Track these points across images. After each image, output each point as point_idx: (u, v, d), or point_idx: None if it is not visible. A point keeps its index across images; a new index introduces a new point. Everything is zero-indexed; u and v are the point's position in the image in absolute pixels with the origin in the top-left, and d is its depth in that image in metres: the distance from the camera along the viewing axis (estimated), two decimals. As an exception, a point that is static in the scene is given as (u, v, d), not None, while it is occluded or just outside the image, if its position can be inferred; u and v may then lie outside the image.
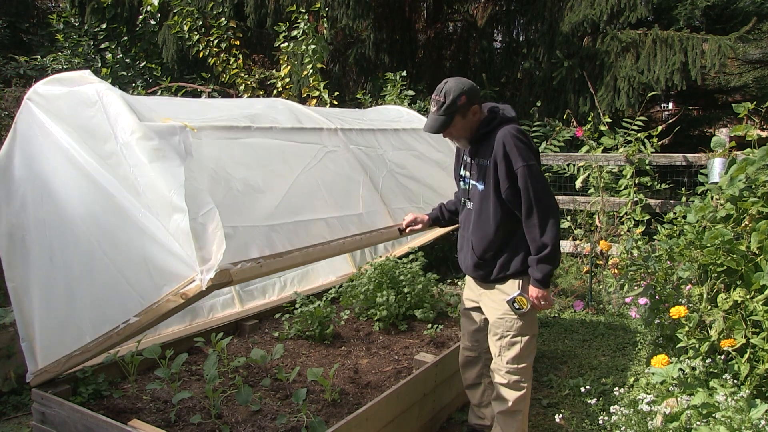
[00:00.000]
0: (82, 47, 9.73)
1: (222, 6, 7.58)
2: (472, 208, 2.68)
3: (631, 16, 7.29)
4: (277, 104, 3.29)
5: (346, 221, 2.84)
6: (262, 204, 2.45)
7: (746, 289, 2.82)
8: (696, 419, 2.34)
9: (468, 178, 2.72)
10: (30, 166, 2.59)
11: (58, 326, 2.61)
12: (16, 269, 2.70)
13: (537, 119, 7.26)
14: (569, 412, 3.39)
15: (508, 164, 2.47)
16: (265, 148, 2.72)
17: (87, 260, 2.44)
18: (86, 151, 2.35)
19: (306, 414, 2.64)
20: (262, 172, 2.57)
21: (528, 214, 2.48)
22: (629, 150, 5.48)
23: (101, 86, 2.26)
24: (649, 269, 3.48)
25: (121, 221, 2.28)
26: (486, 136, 2.59)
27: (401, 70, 7.10)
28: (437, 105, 2.54)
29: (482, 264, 2.67)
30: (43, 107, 2.49)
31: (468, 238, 2.71)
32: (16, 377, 3.54)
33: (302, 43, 6.48)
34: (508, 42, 9.11)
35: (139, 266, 2.26)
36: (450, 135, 2.64)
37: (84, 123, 2.31)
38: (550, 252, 2.48)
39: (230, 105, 3.19)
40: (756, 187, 3.11)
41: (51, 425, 2.63)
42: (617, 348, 4.45)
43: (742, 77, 12.25)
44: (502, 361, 2.65)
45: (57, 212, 2.51)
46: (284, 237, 2.42)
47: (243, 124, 2.68)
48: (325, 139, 3.07)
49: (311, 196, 2.74)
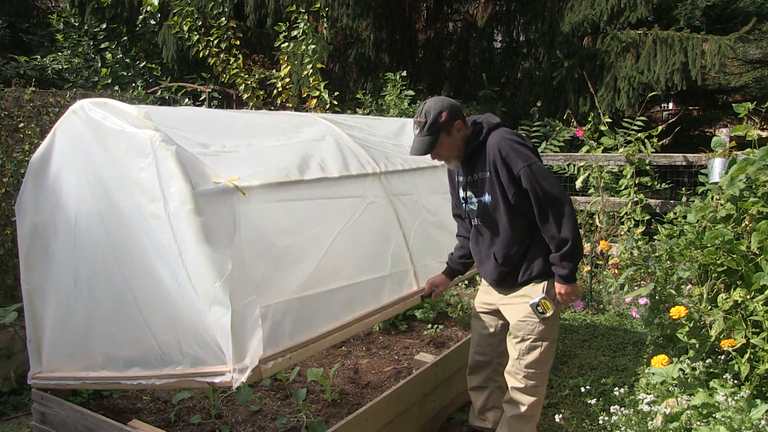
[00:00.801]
0: (82, 47, 9.74)
1: (222, 6, 7.58)
2: (485, 224, 2.61)
3: (631, 16, 7.29)
4: (324, 132, 3.13)
5: (375, 285, 2.80)
6: (298, 274, 2.41)
7: (746, 289, 2.81)
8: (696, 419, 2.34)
9: (472, 197, 2.63)
10: (65, 180, 2.51)
11: (70, 342, 2.60)
12: (33, 272, 2.68)
13: (537, 119, 7.26)
14: (569, 412, 3.39)
15: (509, 169, 2.42)
16: (310, 209, 2.64)
17: (114, 297, 2.39)
18: (130, 199, 2.25)
19: (306, 414, 2.64)
20: (303, 238, 2.51)
21: (541, 213, 2.41)
22: (629, 150, 5.48)
23: (156, 136, 2.11)
24: (649, 269, 3.47)
25: (156, 280, 2.22)
26: (478, 149, 2.53)
27: (401, 70, 7.10)
28: (420, 126, 2.47)
29: (509, 272, 2.60)
30: (91, 130, 2.35)
31: (489, 253, 2.64)
32: (16, 377, 3.54)
33: (302, 43, 6.48)
34: (508, 42, 9.12)
35: (168, 326, 2.23)
36: (439, 156, 2.55)
37: (134, 174, 2.18)
38: (572, 246, 2.41)
39: (277, 127, 3.01)
40: (756, 187, 3.10)
41: (51, 425, 2.63)
42: (617, 348, 4.44)
43: (742, 77, 12.25)
44: (520, 364, 2.57)
45: (89, 238, 2.44)
46: (314, 310, 2.41)
47: (293, 178, 2.55)
48: (368, 188, 2.99)
49: (345, 259, 2.68)
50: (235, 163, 2.40)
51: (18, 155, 4.55)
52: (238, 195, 2.17)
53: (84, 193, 2.43)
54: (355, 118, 3.83)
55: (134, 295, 2.32)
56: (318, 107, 6.59)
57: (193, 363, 2.17)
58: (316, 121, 3.27)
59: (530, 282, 2.57)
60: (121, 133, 2.19)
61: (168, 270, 2.15)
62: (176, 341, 2.21)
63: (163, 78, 9.06)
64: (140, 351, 2.34)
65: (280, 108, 6.92)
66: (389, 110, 6.59)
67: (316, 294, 2.44)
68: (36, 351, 2.70)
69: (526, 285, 2.58)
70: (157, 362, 2.29)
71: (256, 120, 3.07)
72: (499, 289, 2.69)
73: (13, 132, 4.71)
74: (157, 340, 2.27)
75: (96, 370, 2.50)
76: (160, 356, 2.27)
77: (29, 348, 2.71)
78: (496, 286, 2.69)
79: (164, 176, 2.06)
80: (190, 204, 2.00)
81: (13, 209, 4.37)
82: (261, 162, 2.51)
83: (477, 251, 2.74)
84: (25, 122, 4.71)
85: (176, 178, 2.02)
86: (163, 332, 2.25)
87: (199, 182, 2.07)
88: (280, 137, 2.84)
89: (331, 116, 3.61)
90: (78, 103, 2.40)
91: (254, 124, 2.98)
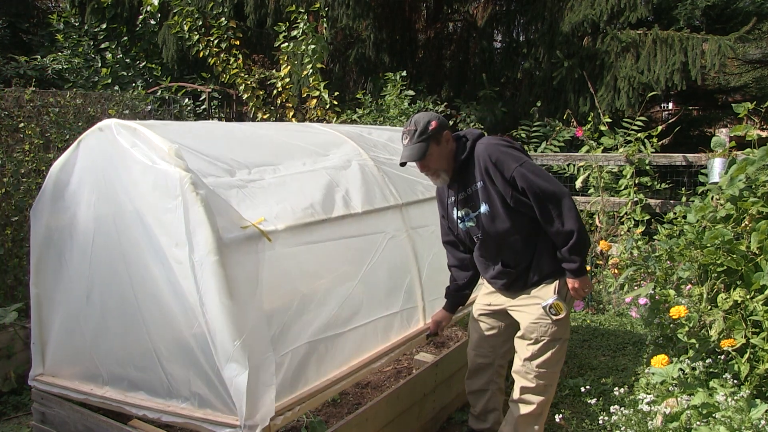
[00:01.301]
0: (82, 47, 9.74)
1: (222, 6, 7.58)
2: (488, 235, 2.55)
3: (631, 16, 7.30)
4: (350, 156, 3.10)
5: (385, 323, 2.80)
6: (318, 317, 2.42)
7: (746, 289, 2.82)
8: (696, 419, 2.34)
9: (468, 213, 2.59)
10: (85, 197, 2.49)
11: (75, 354, 2.61)
12: (43, 276, 2.68)
13: (537, 119, 7.26)
14: (569, 412, 3.39)
15: (502, 173, 2.40)
16: (335, 249, 2.62)
17: (128, 322, 2.39)
18: (153, 238, 2.21)
19: (306, 414, 2.64)
20: (327, 280, 2.50)
21: (542, 211, 2.39)
22: (629, 150, 5.48)
23: (187, 179, 2.03)
24: (649, 269, 3.48)
25: (172, 320, 2.22)
26: (467, 163, 2.52)
27: (401, 70, 7.10)
28: (410, 135, 2.46)
29: (518, 276, 2.56)
30: (118, 153, 2.31)
31: (497, 260, 2.59)
32: (16, 377, 3.54)
33: (302, 43, 6.48)
34: (508, 42, 9.12)
35: (178, 362, 2.23)
36: (428, 169, 2.52)
37: (160, 214, 2.15)
38: (578, 237, 2.38)
39: (304, 149, 2.96)
40: (756, 187, 3.10)
41: (51, 425, 2.64)
42: (617, 348, 4.44)
43: (742, 77, 12.25)
44: (531, 365, 2.53)
45: (106, 261, 2.43)
46: (326, 354, 2.43)
47: (318, 217, 2.54)
48: (389, 222, 3.00)
49: (363, 298, 2.68)
50: (261, 196, 2.39)
51: (18, 155, 4.55)
52: (264, 241, 2.17)
53: (104, 215, 2.43)
54: (379, 131, 3.76)
55: (148, 328, 2.32)
56: (318, 107, 6.59)
57: (200, 404, 2.18)
58: (342, 142, 3.23)
59: (540, 283, 2.54)
60: (150, 168, 2.14)
61: (186, 314, 2.15)
62: (186, 379, 2.22)
63: (163, 78, 9.07)
64: (147, 378, 2.35)
65: (280, 108, 6.92)
66: (389, 110, 6.59)
67: (331, 336, 2.46)
68: (39, 353, 2.71)
69: (536, 286, 2.55)
70: (163, 392, 2.30)
71: (283, 139, 3.02)
72: (507, 293, 2.65)
73: (13, 132, 4.71)
74: (166, 372, 2.28)
75: (98, 384, 2.51)
76: (167, 388, 2.28)
77: (33, 349, 2.72)
78: (505, 290, 2.65)
79: (192, 222, 2.03)
80: (215, 255, 1.99)
81: (13, 209, 4.39)
82: (287, 195, 2.50)
83: (483, 262, 2.68)
84: (25, 122, 4.71)
85: (203, 226, 2.00)
86: (173, 367, 2.26)
87: (227, 228, 2.06)
88: (306, 161, 2.82)
89: (356, 131, 3.56)
90: (106, 122, 2.35)
91: (280, 144, 2.95)
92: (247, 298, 2.05)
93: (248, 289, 2.08)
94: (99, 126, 2.38)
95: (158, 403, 2.30)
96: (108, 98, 5.79)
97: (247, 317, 2.03)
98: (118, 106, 5.70)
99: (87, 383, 2.55)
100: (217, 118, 8.86)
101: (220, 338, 2.01)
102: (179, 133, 2.50)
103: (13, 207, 4.39)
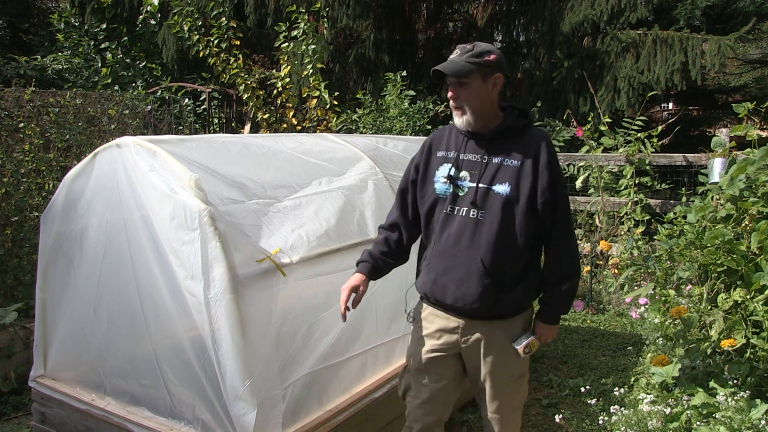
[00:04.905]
0: (82, 47, 9.75)
1: (222, 6, 7.58)
2: (478, 216, 2.02)
3: (631, 17, 7.29)
4: (366, 175, 3.03)
5: (387, 349, 2.78)
6: (321, 346, 2.40)
7: (746, 289, 2.82)
8: (696, 419, 2.34)
9: (466, 178, 2.07)
10: (98, 211, 2.49)
11: (78, 362, 2.62)
12: (50, 282, 2.68)
13: (537, 119, 7.26)
14: (569, 412, 3.39)
15: (552, 175, 2.04)
16: (345, 278, 2.35)
17: (135, 339, 2.39)
18: (168, 266, 2.20)
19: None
20: (331, 311, 2.41)
21: (561, 232, 2.07)
22: (629, 150, 5.48)
23: (206, 212, 2.01)
24: (649, 269, 3.48)
25: (181, 350, 2.22)
26: (515, 133, 2.09)
27: (401, 70, 7.09)
28: (462, 50, 2.04)
29: (493, 291, 2.01)
30: (136, 176, 2.29)
31: (471, 257, 2.02)
32: (16, 377, 3.54)
33: (302, 43, 6.48)
34: (508, 42, 9.11)
35: (184, 386, 2.24)
36: (458, 97, 2.04)
37: (176, 245, 2.12)
38: (577, 281, 2.15)
39: (321, 167, 2.91)
40: (756, 187, 3.11)
41: (51, 425, 2.64)
42: (617, 348, 4.44)
43: (742, 77, 12.24)
44: (510, 403, 2.18)
45: (117, 278, 2.43)
46: (328, 382, 2.44)
47: (332, 246, 2.49)
48: None
49: (365, 326, 2.66)
50: (277, 221, 2.38)
51: (18, 155, 4.56)
52: (278, 276, 2.16)
53: (116, 233, 2.43)
54: (395, 141, 3.70)
55: (157, 356, 2.32)
56: (318, 107, 6.59)
57: (204, 430, 2.20)
58: (359, 158, 3.18)
59: (515, 315, 2.10)
60: (168, 197, 2.13)
61: (195, 347, 2.16)
62: (190, 404, 2.23)
63: (163, 78, 9.07)
64: (150, 395, 2.36)
65: (280, 108, 6.92)
66: (389, 110, 6.59)
67: (334, 364, 2.45)
68: (41, 355, 2.72)
69: (506, 318, 2.09)
70: (166, 412, 2.31)
71: (299, 156, 2.96)
72: (473, 310, 2.04)
73: (13, 132, 4.71)
74: (171, 394, 2.29)
75: (100, 393, 2.52)
76: (170, 408, 2.29)
77: (35, 350, 2.73)
78: (470, 305, 2.03)
79: (209, 258, 2.02)
80: (230, 293, 1.99)
81: (13, 209, 4.39)
82: (303, 221, 2.48)
83: (448, 253, 2.07)
84: (25, 122, 4.71)
85: (220, 262, 2.00)
86: (178, 390, 2.27)
87: (243, 263, 2.06)
88: (322, 180, 2.80)
89: (373, 143, 3.49)
90: (125, 139, 2.34)
91: (297, 162, 2.90)
92: (259, 337, 2.06)
93: (261, 327, 2.09)
94: (117, 142, 2.37)
95: (161, 423, 2.30)
96: (108, 98, 5.79)
97: (258, 356, 2.04)
98: (118, 106, 5.69)
99: (89, 391, 2.55)
100: (217, 118, 8.87)
101: (230, 377, 2.01)
102: (197, 151, 2.49)
103: (13, 207, 4.39)
